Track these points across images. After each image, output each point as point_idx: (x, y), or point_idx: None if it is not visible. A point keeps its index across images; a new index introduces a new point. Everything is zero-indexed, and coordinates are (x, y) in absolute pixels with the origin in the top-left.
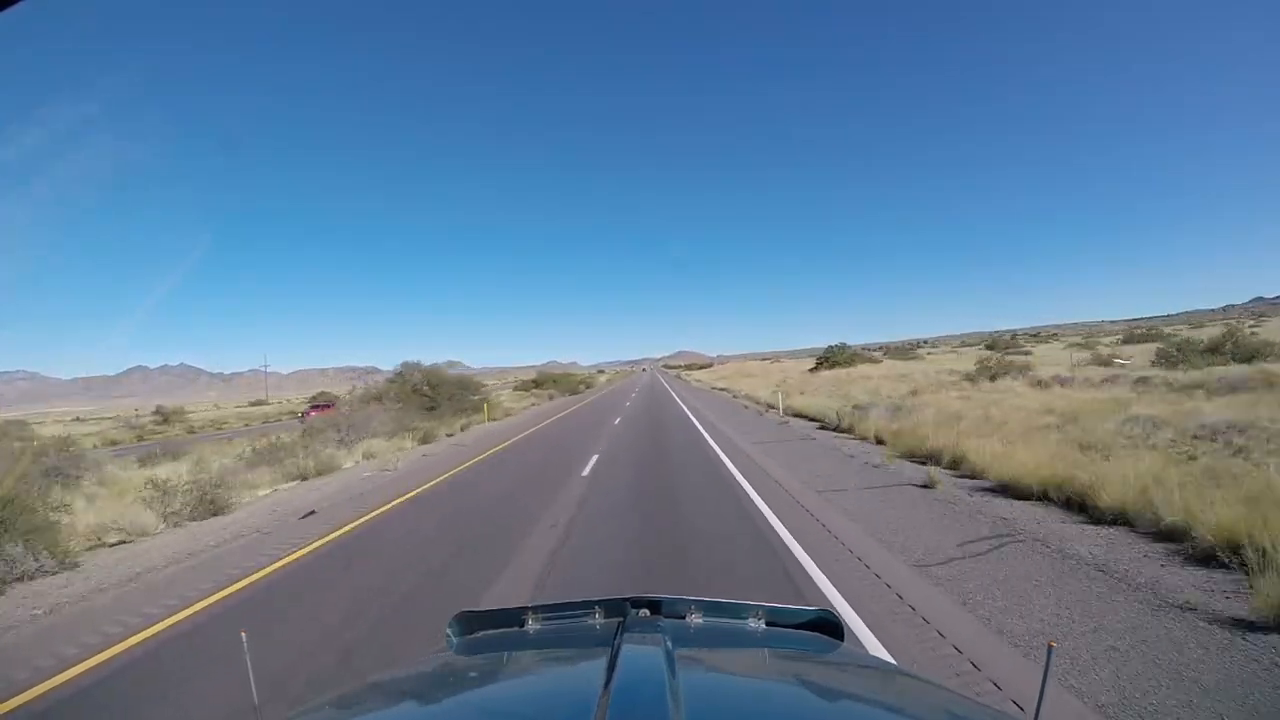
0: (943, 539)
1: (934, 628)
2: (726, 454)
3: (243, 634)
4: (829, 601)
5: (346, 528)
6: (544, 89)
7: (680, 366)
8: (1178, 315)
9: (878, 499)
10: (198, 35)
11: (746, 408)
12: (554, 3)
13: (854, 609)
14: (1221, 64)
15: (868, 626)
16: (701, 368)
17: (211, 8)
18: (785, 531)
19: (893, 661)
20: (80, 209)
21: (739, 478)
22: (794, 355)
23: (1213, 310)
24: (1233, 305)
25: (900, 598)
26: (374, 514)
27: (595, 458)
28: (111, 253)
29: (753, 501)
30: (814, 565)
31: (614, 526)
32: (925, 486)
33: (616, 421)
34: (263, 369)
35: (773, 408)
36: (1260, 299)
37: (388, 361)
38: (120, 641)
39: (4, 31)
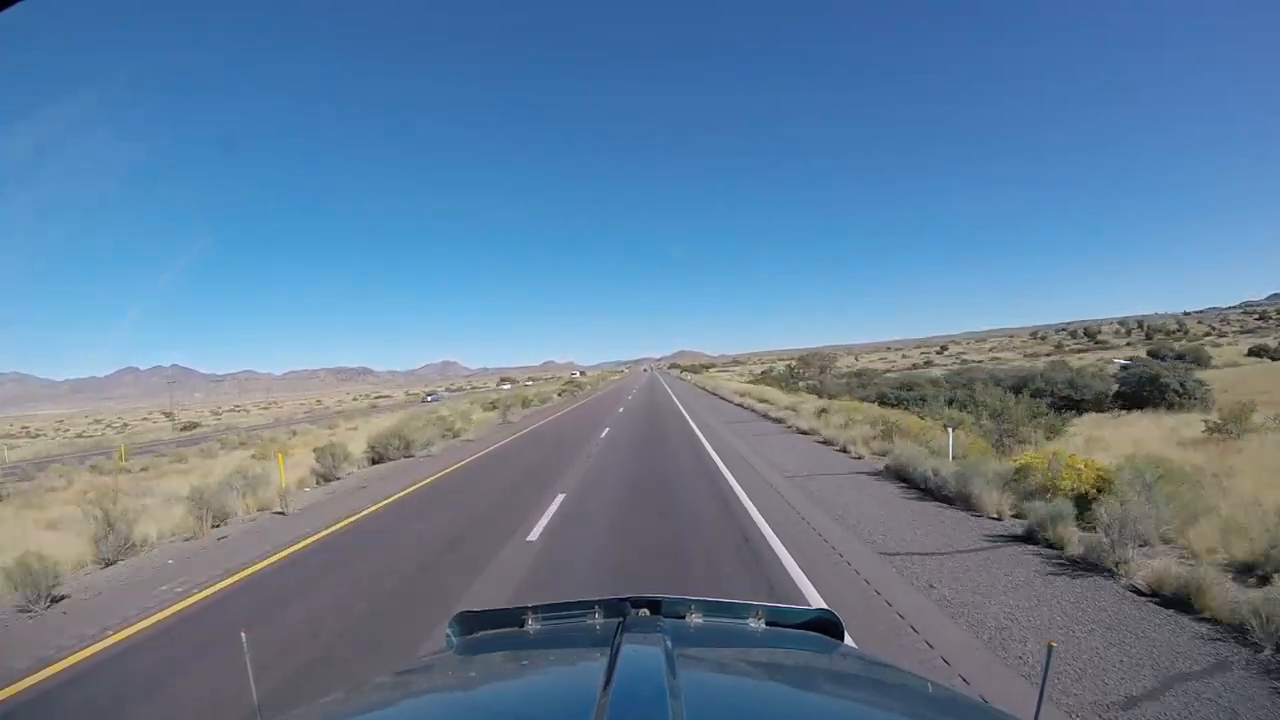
0: None
1: None
2: None
3: (243, 634)
4: None
5: None
6: (542, 89)
7: (686, 367)
8: (1195, 312)
9: None
10: (195, 35)
11: None
12: (553, 4)
13: None
14: (1234, 61)
15: None
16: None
17: (211, 8)
18: None
19: (893, 662)
20: (73, 211)
21: None
22: (795, 355)
23: (1231, 307)
24: (1251, 301)
25: None
26: None
27: None
28: (105, 255)
29: None
30: None
31: None
32: None
33: None
34: (254, 371)
35: None
36: (1278, 295)
37: (381, 362)
38: None
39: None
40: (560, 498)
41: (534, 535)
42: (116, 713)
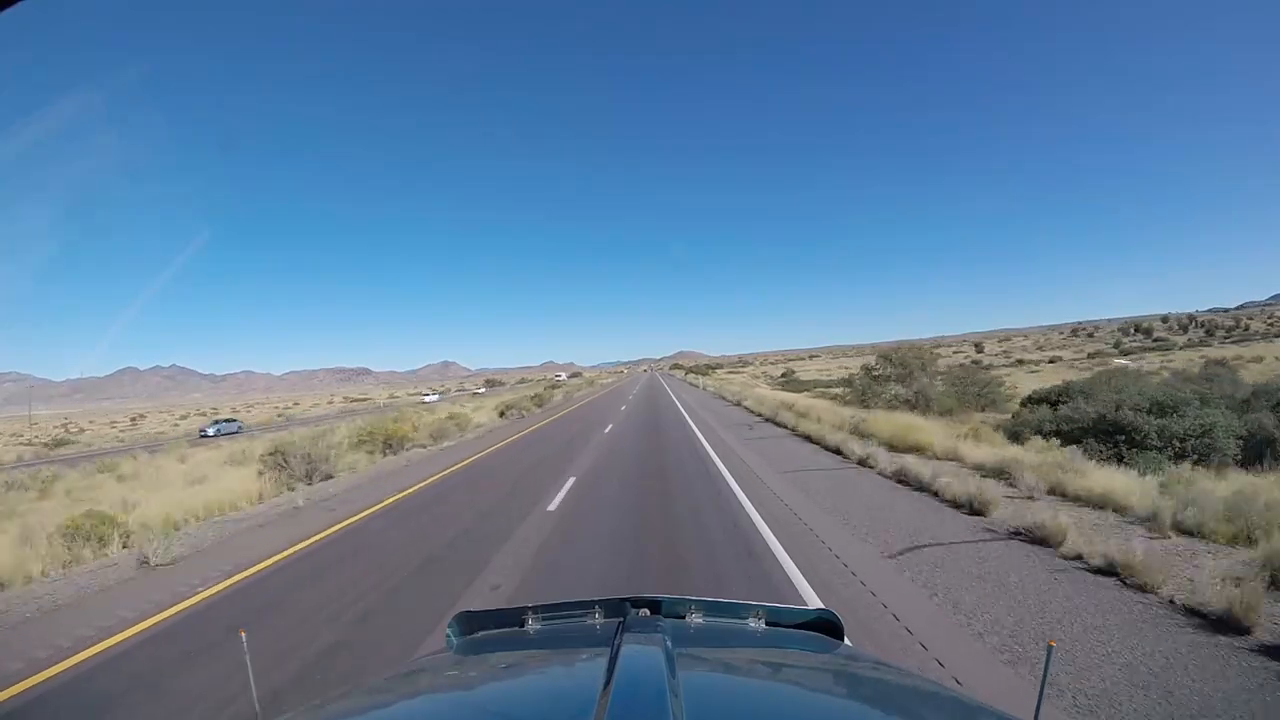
0: None
1: None
2: None
3: (242, 633)
4: None
5: None
6: (543, 91)
7: (690, 367)
8: (1187, 314)
9: None
10: (196, 36)
11: None
12: (553, 8)
13: None
14: (1249, 62)
15: None
16: None
17: (213, 9)
18: None
19: (894, 662)
20: (73, 211)
21: None
22: (800, 355)
23: (1231, 309)
24: (1252, 302)
25: None
26: None
27: None
28: (105, 255)
29: None
30: None
31: None
32: None
33: None
34: (253, 371)
35: None
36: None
37: (381, 363)
38: None
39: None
40: None
41: None
42: None
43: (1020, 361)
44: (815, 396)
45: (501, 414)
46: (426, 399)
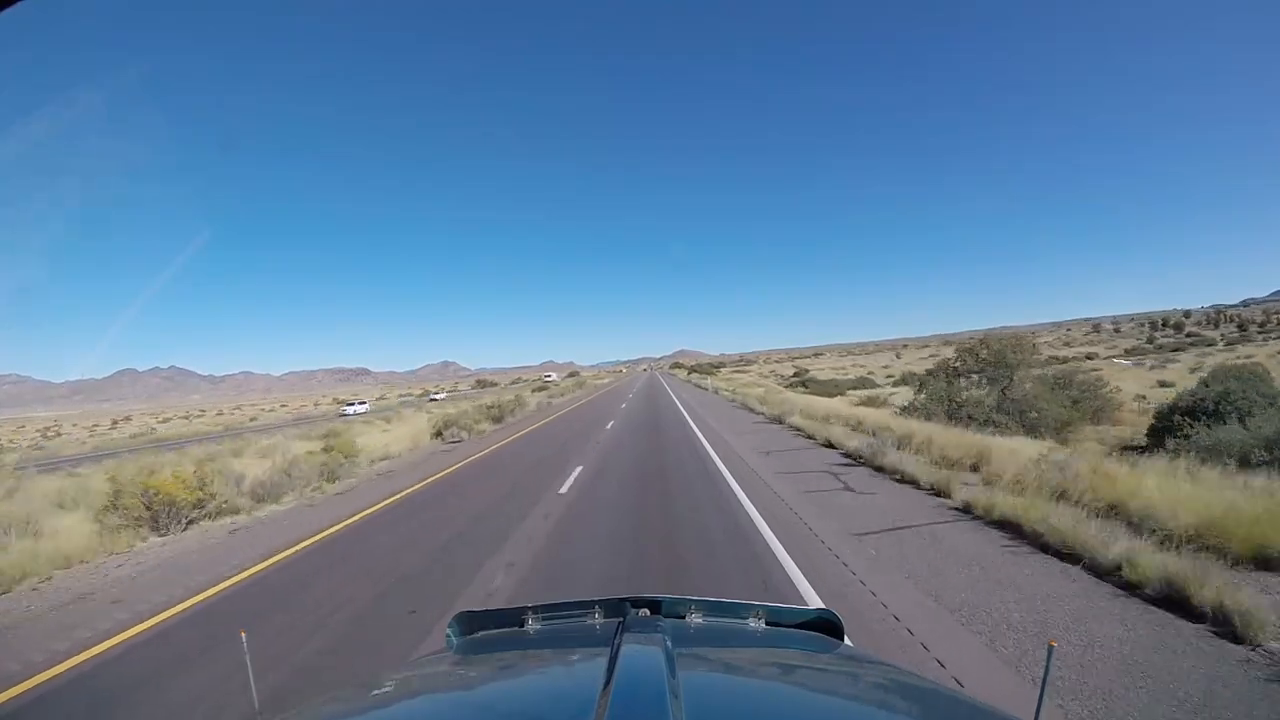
0: None
1: None
2: None
3: (242, 634)
4: None
5: None
6: (543, 91)
7: (692, 367)
8: (1197, 310)
9: None
10: (196, 36)
11: None
12: (553, 9)
13: None
14: (1259, 62)
15: None
16: None
17: (211, 8)
18: None
19: (894, 662)
20: (73, 211)
21: None
22: (803, 353)
23: (1234, 305)
24: (1253, 299)
25: None
26: None
27: None
28: (105, 255)
29: None
30: None
31: None
32: None
33: None
34: (253, 371)
35: None
36: None
37: (381, 364)
38: None
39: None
40: None
41: None
42: None
43: (1055, 359)
44: (862, 404)
45: (438, 433)
46: (347, 411)
